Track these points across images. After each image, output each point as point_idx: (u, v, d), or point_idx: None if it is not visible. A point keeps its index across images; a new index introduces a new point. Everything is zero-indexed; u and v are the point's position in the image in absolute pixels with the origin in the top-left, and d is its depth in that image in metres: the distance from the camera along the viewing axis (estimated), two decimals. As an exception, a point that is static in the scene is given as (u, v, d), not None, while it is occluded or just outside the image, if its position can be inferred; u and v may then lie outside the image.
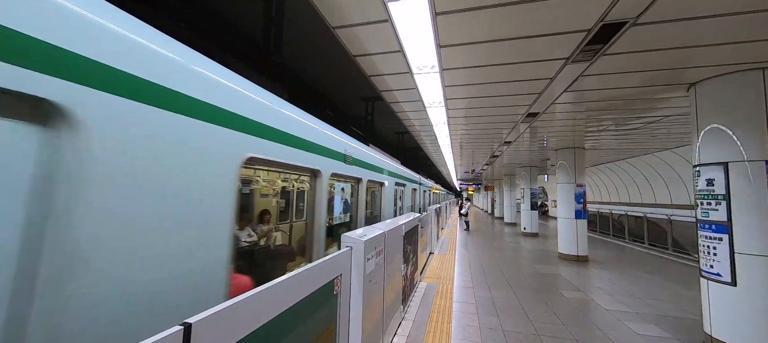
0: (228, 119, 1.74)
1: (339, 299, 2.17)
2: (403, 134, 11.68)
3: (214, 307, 1.05)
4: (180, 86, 1.46)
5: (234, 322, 1.12)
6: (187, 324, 0.93)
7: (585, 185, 8.58)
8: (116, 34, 1.23)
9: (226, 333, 1.08)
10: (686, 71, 3.54)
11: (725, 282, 3.30)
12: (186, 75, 1.51)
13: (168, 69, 1.42)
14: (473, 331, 3.72)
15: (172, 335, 0.87)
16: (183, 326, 0.92)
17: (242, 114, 1.86)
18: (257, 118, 1.99)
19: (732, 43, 2.88)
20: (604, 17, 2.49)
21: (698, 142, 3.68)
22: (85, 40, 1.13)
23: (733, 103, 3.43)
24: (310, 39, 4.65)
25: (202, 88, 1.59)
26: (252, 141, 1.93)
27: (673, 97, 4.44)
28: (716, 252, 3.40)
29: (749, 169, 3.24)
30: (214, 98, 1.65)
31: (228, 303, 1.10)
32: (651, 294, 5.32)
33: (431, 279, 5.83)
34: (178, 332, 0.90)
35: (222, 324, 1.06)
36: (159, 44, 1.41)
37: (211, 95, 1.64)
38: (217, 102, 1.67)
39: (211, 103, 1.63)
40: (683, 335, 3.79)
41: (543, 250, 9.69)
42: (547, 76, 3.79)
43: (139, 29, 1.36)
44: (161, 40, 1.46)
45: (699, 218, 3.63)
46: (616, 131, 7.01)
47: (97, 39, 1.16)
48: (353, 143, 4.04)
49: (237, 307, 1.13)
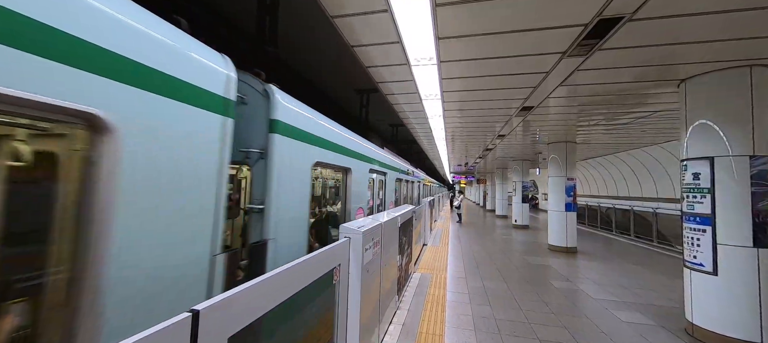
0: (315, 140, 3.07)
1: (338, 288, 2.19)
2: (398, 127, 11.68)
3: (220, 294, 1.06)
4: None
5: (240, 309, 1.13)
6: (195, 311, 0.94)
7: (575, 179, 8.76)
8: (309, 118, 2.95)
9: (233, 319, 1.09)
10: (677, 67, 3.62)
11: (707, 272, 3.45)
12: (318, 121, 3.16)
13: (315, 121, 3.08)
14: (467, 319, 3.82)
15: (181, 321, 0.88)
16: (191, 312, 0.93)
17: (316, 133, 3.09)
18: (323, 135, 3.25)
19: (721, 41, 2.96)
20: (601, 12, 2.52)
21: (686, 137, 3.78)
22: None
23: (721, 99, 3.53)
24: (306, 28, 4.58)
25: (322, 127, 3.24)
26: (318, 151, 3.12)
27: (663, 93, 4.54)
28: (700, 243, 3.54)
29: (733, 163, 3.36)
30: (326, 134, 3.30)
31: (234, 291, 1.11)
32: (636, 284, 5.52)
33: (425, 270, 5.92)
34: (186, 318, 0.90)
35: (228, 311, 1.07)
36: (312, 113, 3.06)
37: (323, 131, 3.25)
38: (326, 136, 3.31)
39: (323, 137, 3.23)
40: (666, 322, 3.96)
41: (534, 242, 9.91)
42: (543, 70, 3.83)
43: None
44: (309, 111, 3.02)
45: (684, 211, 3.76)
46: (606, 126, 7.15)
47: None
48: (369, 145, 5.03)
49: (242, 295, 1.14)
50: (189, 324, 0.91)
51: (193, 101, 1.63)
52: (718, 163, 3.46)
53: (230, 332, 1.08)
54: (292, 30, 4.57)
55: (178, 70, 1.54)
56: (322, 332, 1.98)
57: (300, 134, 2.76)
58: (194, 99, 1.63)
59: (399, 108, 6.26)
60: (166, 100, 1.46)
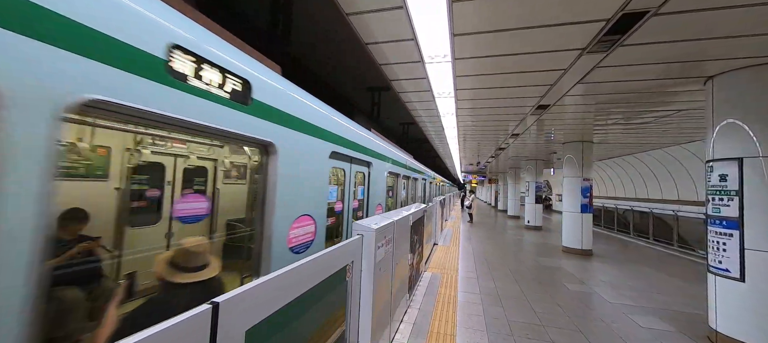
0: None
1: (350, 284, 2.20)
2: (409, 125, 11.61)
3: (238, 288, 1.08)
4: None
5: (257, 302, 1.14)
6: (215, 303, 0.95)
7: (591, 180, 8.52)
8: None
9: (250, 312, 1.10)
10: (704, 64, 3.46)
11: (734, 278, 3.30)
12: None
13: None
14: (478, 320, 3.77)
15: (201, 313, 0.90)
16: (211, 305, 0.94)
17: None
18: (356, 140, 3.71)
19: (753, 36, 2.80)
20: (625, 6, 2.43)
21: (713, 137, 3.62)
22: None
23: (751, 97, 3.36)
24: (320, 26, 4.59)
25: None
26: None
27: (688, 91, 4.35)
28: (726, 248, 3.38)
29: (764, 165, 3.20)
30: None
31: (252, 284, 1.12)
32: (655, 289, 5.33)
33: (435, 269, 5.88)
34: (206, 310, 0.92)
35: (246, 304, 1.08)
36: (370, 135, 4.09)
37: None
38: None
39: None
40: (687, 328, 3.81)
41: (547, 243, 9.71)
42: (561, 68, 3.73)
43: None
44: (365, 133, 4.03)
45: (709, 214, 3.61)
46: (626, 125, 6.92)
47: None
48: (389, 146, 5.58)
49: (260, 289, 1.15)
50: (209, 316, 0.93)
51: (312, 133, 2.60)
52: (747, 164, 3.29)
53: (248, 325, 1.09)
54: (306, 26, 4.60)
55: (312, 118, 2.59)
56: (334, 328, 1.99)
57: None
58: (313, 132, 2.61)
59: (411, 106, 6.23)
60: (300, 134, 2.42)
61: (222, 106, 1.67)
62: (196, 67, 1.51)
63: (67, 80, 1.02)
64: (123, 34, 1.19)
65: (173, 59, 1.39)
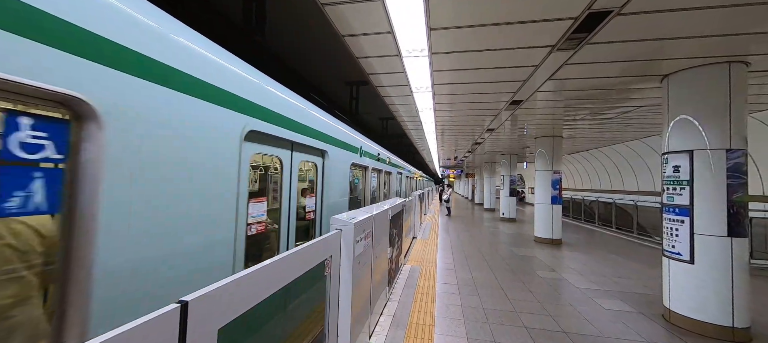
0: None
1: (329, 279, 2.18)
2: (388, 120, 11.63)
3: (209, 286, 1.03)
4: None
5: (229, 300, 1.10)
6: (184, 302, 0.91)
7: (561, 173, 8.97)
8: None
9: (223, 311, 1.06)
10: (661, 63, 3.71)
11: (685, 260, 3.61)
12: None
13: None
14: (456, 310, 3.88)
15: (169, 312, 0.85)
16: (179, 303, 0.90)
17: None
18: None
19: (703, 37, 3.04)
20: (591, 5, 2.55)
21: (668, 131, 3.91)
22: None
23: (701, 94, 3.65)
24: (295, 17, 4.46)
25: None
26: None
27: (647, 88, 4.66)
28: (678, 233, 3.68)
29: (711, 156, 3.50)
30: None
31: (223, 282, 1.08)
32: (617, 273, 5.72)
33: (415, 262, 5.97)
34: (174, 310, 0.87)
35: (218, 302, 1.04)
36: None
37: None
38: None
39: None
40: (645, 308, 4.13)
41: (520, 234, 10.13)
42: (533, 64, 3.87)
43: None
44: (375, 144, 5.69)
45: (664, 202, 3.90)
46: (592, 121, 7.32)
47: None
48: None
49: (231, 286, 1.11)
50: (177, 316, 0.88)
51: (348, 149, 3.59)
52: (697, 156, 3.59)
53: (220, 324, 1.05)
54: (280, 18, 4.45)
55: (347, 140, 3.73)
56: (313, 324, 1.97)
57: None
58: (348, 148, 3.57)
59: (389, 101, 6.22)
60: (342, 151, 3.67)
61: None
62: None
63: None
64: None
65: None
